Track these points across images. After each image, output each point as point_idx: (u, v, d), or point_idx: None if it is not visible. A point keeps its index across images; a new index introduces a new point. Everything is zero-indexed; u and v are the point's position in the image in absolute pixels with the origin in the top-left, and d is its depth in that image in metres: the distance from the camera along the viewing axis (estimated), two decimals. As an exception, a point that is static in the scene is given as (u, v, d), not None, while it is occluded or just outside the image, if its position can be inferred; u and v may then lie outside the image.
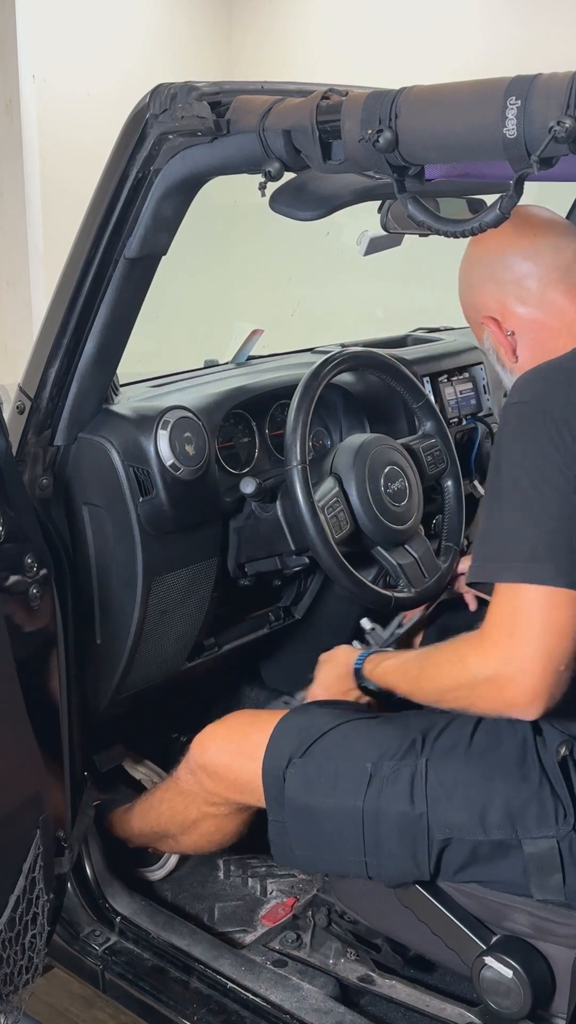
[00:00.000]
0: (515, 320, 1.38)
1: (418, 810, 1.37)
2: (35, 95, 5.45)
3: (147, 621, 1.71)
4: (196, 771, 1.61)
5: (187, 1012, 1.60)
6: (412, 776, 1.38)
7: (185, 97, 1.35)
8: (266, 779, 1.48)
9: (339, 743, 1.45)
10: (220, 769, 1.56)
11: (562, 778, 1.32)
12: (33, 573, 1.44)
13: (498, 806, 1.34)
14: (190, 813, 1.66)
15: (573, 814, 1.31)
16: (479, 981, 1.37)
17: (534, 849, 1.32)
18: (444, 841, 1.37)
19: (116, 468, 1.62)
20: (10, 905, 1.40)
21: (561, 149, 1.03)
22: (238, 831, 1.67)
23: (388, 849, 1.40)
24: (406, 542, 1.77)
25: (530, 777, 1.34)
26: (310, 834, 1.46)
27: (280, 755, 1.47)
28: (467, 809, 1.35)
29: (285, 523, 1.74)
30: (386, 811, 1.39)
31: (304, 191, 1.37)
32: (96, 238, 1.49)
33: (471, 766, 1.37)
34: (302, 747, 1.46)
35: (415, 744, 1.40)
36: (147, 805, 1.78)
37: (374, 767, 1.40)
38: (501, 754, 1.37)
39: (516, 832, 1.33)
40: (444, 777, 1.37)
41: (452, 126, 1.10)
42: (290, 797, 1.46)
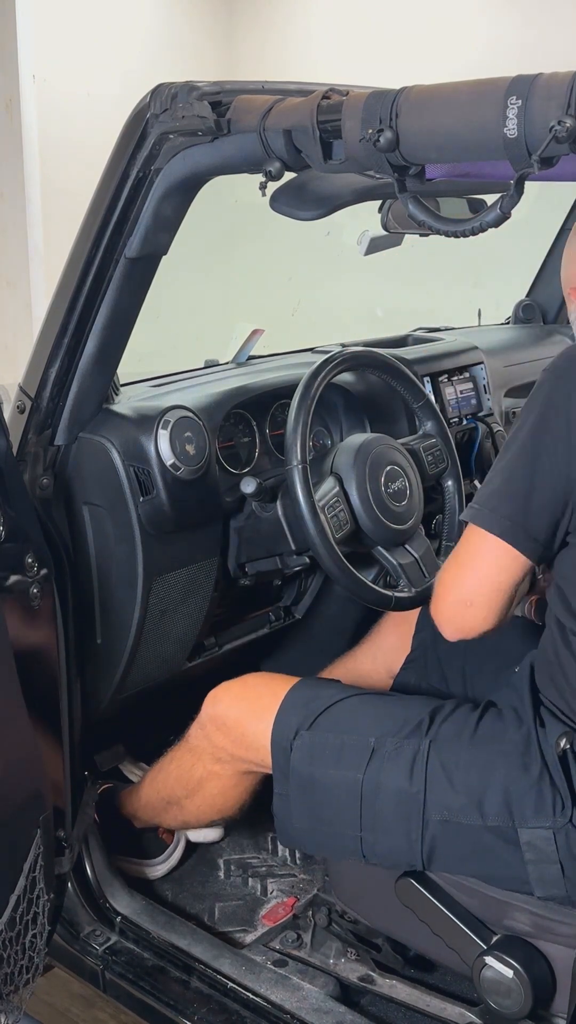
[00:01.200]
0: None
1: (416, 788, 1.38)
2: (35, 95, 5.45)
3: (147, 621, 1.71)
4: (206, 724, 1.63)
5: (187, 1012, 1.60)
6: (414, 755, 1.40)
7: (186, 97, 1.35)
8: (274, 751, 1.50)
9: (346, 716, 1.48)
10: (229, 722, 1.58)
11: (561, 771, 1.33)
12: (33, 573, 1.44)
13: (497, 793, 1.35)
14: (196, 772, 1.67)
15: (571, 807, 1.31)
16: (479, 981, 1.37)
17: (531, 838, 1.32)
18: (440, 823, 1.37)
19: (116, 468, 1.62)
20: (10, 905, 1.40)
21: (562, 149, 1.03)
22: (240, 799, 1.68)
23: (384, 825, 1.41)
24: (406, 542, 1.77)
25: (531, 768, 1.35)
26: (311, 806, 1.47)
27: (288, 726, 1.49)
28: (466, 793, 1.36)
29: (285, 523, 1.74)
30: (385, 786, 1.41)
31: (305, 191, 1.37)
32: (96, 238, 1.49)
33: (473, 752, 1.39)
34: (309, 719, 1.48)
35: (421, 725, 1.43)
36: (157, 768, 1.79)
37: (377, 742, 1.43)
38: (505, 743, 1.38)
39: (513, 820, 1.34)
40: (446, 760, 1.39)
41: (453, 126, 1.11)
42: (295, 768, 1.48)
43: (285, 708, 1.51)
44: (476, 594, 1.35)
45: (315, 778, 1.46)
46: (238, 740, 1.58)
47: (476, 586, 1.35)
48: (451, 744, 1.40)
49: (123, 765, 2.03)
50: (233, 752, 1.60)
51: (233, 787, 1.66)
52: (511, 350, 2.55)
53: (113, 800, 1.89)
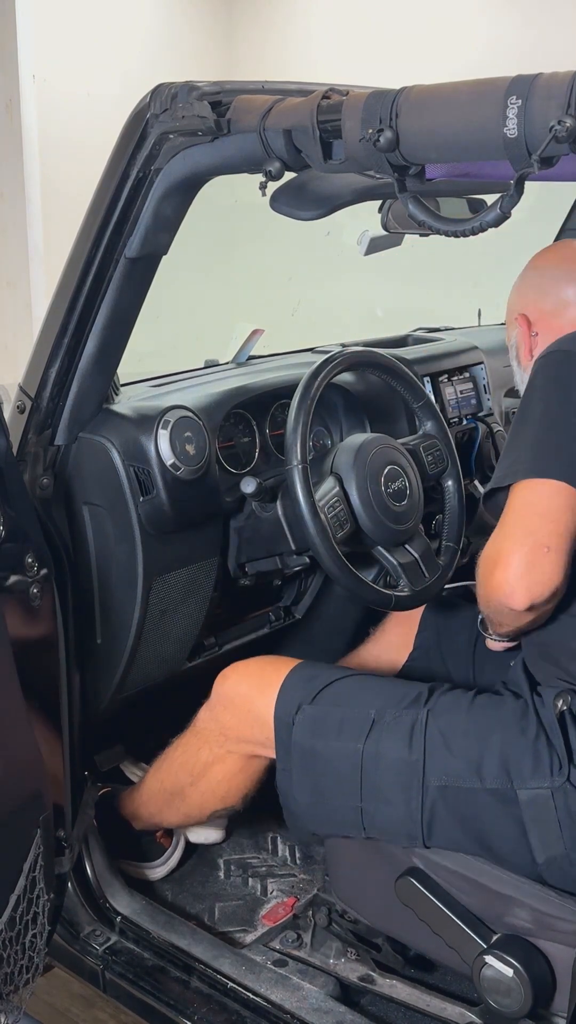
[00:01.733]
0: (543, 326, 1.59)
1: (415, 756, 1.41)
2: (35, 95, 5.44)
3: (147, 621, 1.71)
4: (215, 705, 1.65)
5: (187, 1012, 1.60)
6: (412, 724, 1.43)
7: (186, 97, 1.35)
8: (277, 726, 1.52)
9: (347, 691, 1.52)
10: (237, 699, 1.60)
11: (559, 731, 1.36)
12: (33, 573, 1.44)
13: (494, 755, 1.37)
14: (202, 756, 1.68)
15: (568, 765, 1.33)
16: (479, 980, 1.37)
17: (529, 798, 1.34)
18: (439, 789, 1.39)
19: (116, 468, 1.62)
20: (10, 904, 1.40)
21: (562, 149, 1.03)
22: (244, 787, 1.68)
23: (384, 795, 1.43)
24: (406, 541, 1.77)
25: (528, 731, 1.38)
26: (312, 779, 1.49)
27: (291, 702, 1.52)
28: (464, 757, 1.39)
29: (285, 523, 1.74)
30: (384, 755, 1.43)
31: (304, 191, 1.37)
32: (96, 238, 1.49)
33: (471, 719, 1.42)
34: (311, 694, 1.52)
35: (420, 696, 1.46)
36: (162, 758, 1.80)
37: (377, 713, 1.46)
38: (502, 711, 1.42)
39: (511, 781, 1.35)
40: (444, 727, 1.42)
41: (453, 126, 1.11)
42: (297, 742, 1.50)
43: (288, 684, 1.55)
44: (549, 538, 1.32)
45: (316, 750, 1.49)
46: (245, 716, 1.59)
47: (548, 532, 1.33)
48: (449, 713, 1.43)
49: (123, 765, 2.03)
50: (240, 732, 1.61)
51: (239, 772, 1.66)
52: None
53: (112, 803, 1.88)
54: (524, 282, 1.64)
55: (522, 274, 1.65)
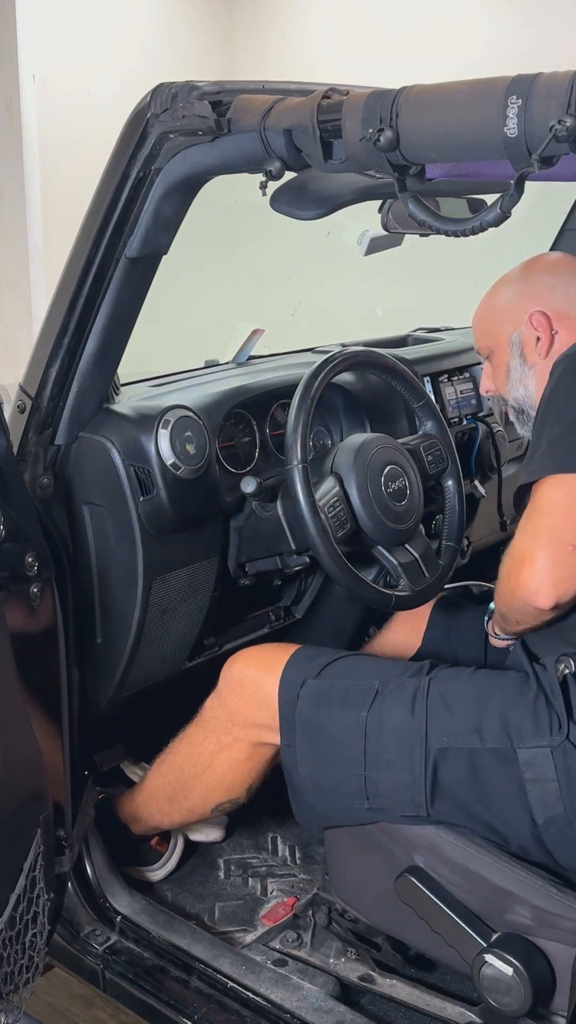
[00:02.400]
0: (564, 325, 1.58)
1: (417, 720, 1.44)
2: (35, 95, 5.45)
3: (148, 620, 1.71)
4: (222, 690, 1.66)
5: (187, 1012, 1.60)
6: (415, 691, 1.46)
7: (186, 96, 1.35)
8: (281, 703, 1.54)
9: (352, 665, 1.55)
10: (244, 680, 1.62)
11: (560, 692, 1.38)
12: (34, 572, 1.44)
13: (495, 716, 1.40)
14: (207, 745, 1.68)
15: (568, 724, 1.35)
16: (479, 979, 1.37)
17: (529, 757, 1.36)
18: (441, 751, 1.41)
19: (117, 467, 1.62)
20: (10, 904, 1.40)
21: (562, 148, 1.03)
22: (250, 777, 1.68)
23: (387, 759, 1.45)
24: (407, 541, 1.77)
25: (527, 692, 1.41)
26: (316, 750, 1.51)
27: (295, 679, 1.55)
28: (464, 720, 1.41)
29: (286, 522, 1.74)
30: (387, 721, 1.46)
31: (305, 190, 1.37)
32: (97, 238, 1.49)
33: (472, 684, 1.46)
34: (316, 670, 1.55)
35: (422, 668, 1.50)
36: (165, 752, 1.79)
37: (381, 683, 1.49)
38: (502, 677, 1.46)
39: (511, 741, 1.38)
40: (445, 692, 1.45)
41: (453, 125, 1.11)
42: (301, 714, 1.52)
43: (292, 662, 1.57)
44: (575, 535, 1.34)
45: (320, 721, 1.51)
46: (251, 698, 1.60)
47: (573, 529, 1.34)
48: (451, 680, 1.47)
49: (124, 765, 2.03)
50: (246, 715, 1.62)
51: (244, 760, 1.66)
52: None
53: (109, 807, 1.88)
54: (534, 284, 1.62)
55: (527, 277, 1.64)
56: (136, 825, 1.86)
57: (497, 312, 1.65)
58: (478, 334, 1.71)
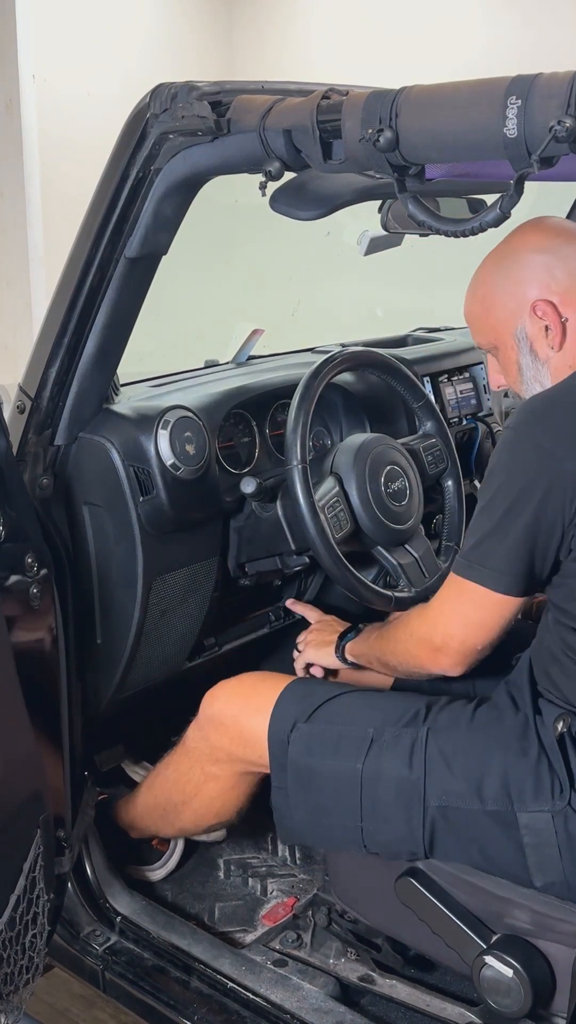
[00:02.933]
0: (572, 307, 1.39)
1: (415, 775, 1.39)
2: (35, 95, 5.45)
3: (147, 621, 1.71)
4: (204, 725, 1.63)
5: (187, 1012, 1.60)
6: (412, 743, 1.41)
7: (186, 97, 1.35)
8: (271, 744, 1.50)
9: (343, 709, 1.49)
10: (227, 720, 1.58)
11: (560, 754, 1.34)
12: (33, 573, 1.44)
13: (496, 777, 1.36)
14: (194, 775, 1.67)
15: (569, 789, 1.32)
16: (479, 980, 1.37)
17: (529, 822, 1.33)
18: (439, 809, 1.38)
19: (116, 468, 1.62)
20: (10, 905, 1.40)
21: (561, 148, 1.03)
22: (239, 803, 1.68)
23: (384, 813, 1.41)
24: (406, 542, 1.77)
25: (529, 752, 1.36)
26: (310, 798, 1.48)
27: (285, 719, 1.50)
28: (465, 778, 1.37)
29: (285, 523, 1.74)
30: (384, 774, 1.41)
31: (304, 191, 1.37)
32: (96, 238, 1.49)
33: (471, 738, 1.40)
34: (307, 712, 1.49)
35: (418, 714, 1.44)
36: (154, 774, 1.79)
37: (376, 732, 1.44)
38: (502, 728, 1.40)
39: (512, 804, 1.34)
40: (444, 746, 1.40)
41: (452, 126, 1.11)
42: (293, 760, 1.48)
43: (282, 702, 1.52)
44: (485, 643, 1.41)
45: (313, 769, 1.47)
46: (236, 737, 1.57)
47: (485, 638, 1.40)
48: (449, 731, 1.42)
49: (125, 764, 2.03)
50: (231, 751, 1.59)
51: (231, 789, 1.66)
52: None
53: (108, 811, 1.88)
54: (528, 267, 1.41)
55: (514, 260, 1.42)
56: (134, 832, 1.87)
57: (493, 305, 1.45)
58: (476, 331, 1.52)
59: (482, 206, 1.64)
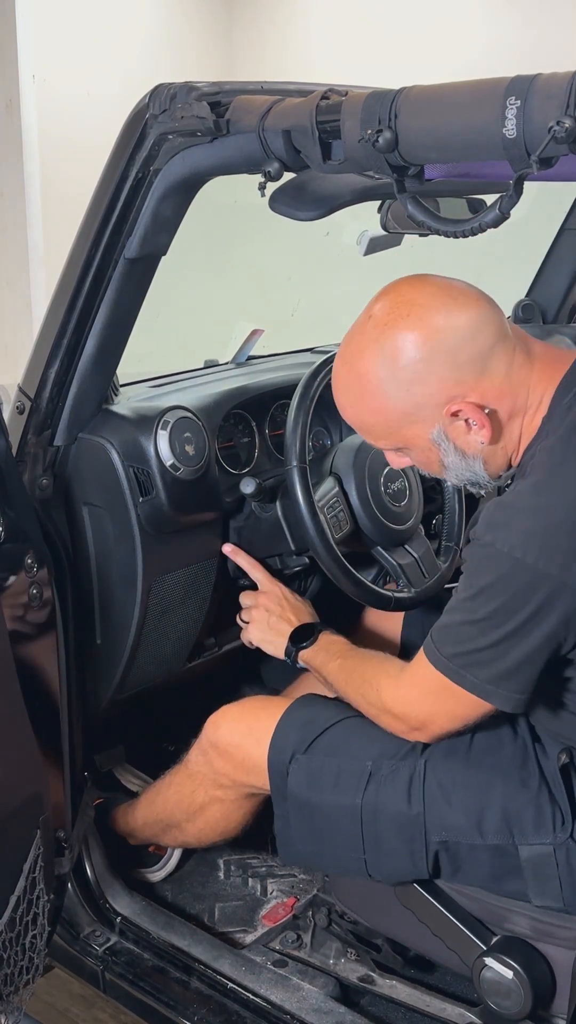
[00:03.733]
0: (492, 395, 1.24)
1: (415, 810, 1.38)
2: (35, 95, 5.45)
3: (147, 621, 1.71)
4: (207, 750, 1.62)
5: (187, 1012, 1.60)
6: (411, 776, 1.39)
7: (185, 97, 1.35)
8: (272, 775, 1.49)
9: (341, 740, 1.47)
10: (230, 748, 1.57)
11: (562, 785, 1.33)
12: (33, 573, 1.44)
13: (496, 810, 1.34)
14: (197, 797, 1.66)
15: (571, 821, 1.31)
16: (479, 981, 1.37)
17: (531, 855, 1.32)
18: (441, 843, 1.37)
19: (116, 468, 1.62)
20: (10, 905, 1.40)
21: (561, 149, 1.02)
22: (243, 821, 1.67)
23: (386, 847, 1.40)
24: (406, 542, 1.77)
25: (529, 783, 1.34)
26: (312, 830, 1.47)
27: (284, 749, 1.49)
28: (464, 813, 1.36)
29: (285, 523, 1.74)
30: (384, 809, 1.40)
31: (304, 191, 1.37)
32: (96, 238, 1.49)
33: (470, 769, 1.38)
34: (305, 742, 1.48)
35: (416, 746, 1.41)
36: (154, 791, 1.78)
37: (374, 765, 1.42)
38: (501, 758, 1.38)
39: (513, 838, 1.33)
40: (443, 779, 1.38)
41: (452, 126, 1.10)
42: (292, 792, 1.47)
43: (280, 730, 1.51)
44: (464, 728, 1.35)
45: (313, 802, 1.46)
46: (239, 765, 1.57)
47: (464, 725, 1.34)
48: (447, 762, 1.39)
49: (119, 773, 2.02)
50: (234, 777, 1.59)
51: (236, 810, 1.65)
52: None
53: (106, 817, 1.87)
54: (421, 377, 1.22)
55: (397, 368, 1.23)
56: (133, 840, 1.87)
57: (392, 416, 1.27)
58: (373, 438, 1.34)
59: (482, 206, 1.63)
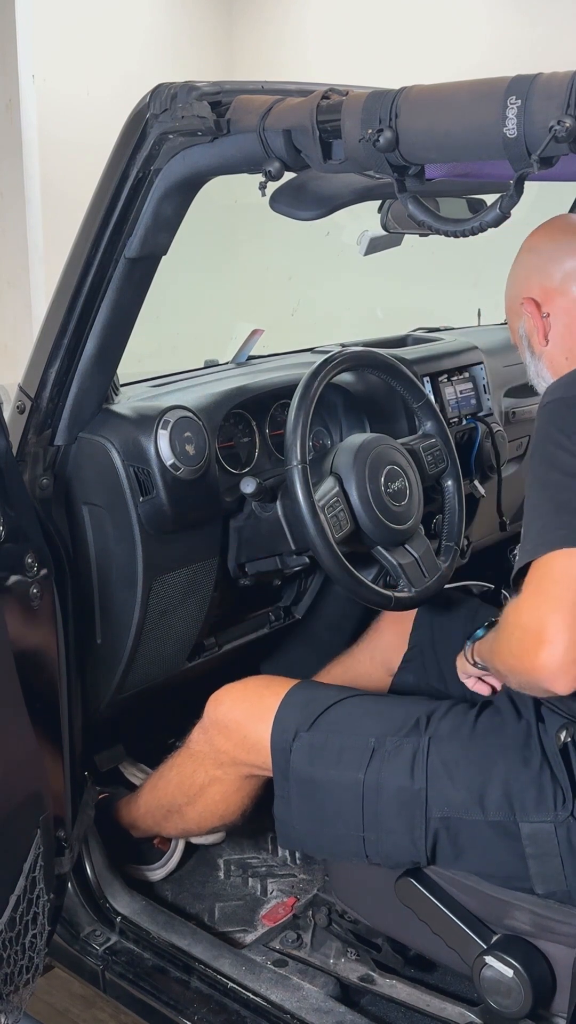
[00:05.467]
0: (553, 305, 1.48)
1: (417, 785, 1.39)
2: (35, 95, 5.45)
3: (147, 621, 1.71)
4: (208, 728, 1.63)
5: (187, 1012, 1.60)
6: (414, 753, 1.41)
7: (185, 97, 1.35)
8: (274, 753, 1.50)
9: (345, 717, 1.48)
10: (231, 724, 1.58)
11: (562, 763, 1.33)
12: (33, 573, 1.44)
13: (497, 787, 1.35)
14: (197, 777, 1.67)
15: (572, 800, 1.32)
16: (480, 980, 1.37)
17: (532, 832, 1.33)
18: (442, 820, 1.38)
19: (116, 468, 1.62)
20: (10, 905, 1.40)
21: (561, 148, 1.03)
22: (242, 804, 1.68)
23: (386, 824, 1.41)
24: (406, 542, 1.77)
25: (531, 761, 1.35)
26: (312, 808, 1.47)
27: (287, 728, 1.50)
28: (466, 788, 1.37)
29: (285, 523, 1.74)
30: (386, 785, 1.41)
31: (304, 191, 1.37)
32: (96, 238, 1.49)
33: (473, 747, 1.39)
34: (308, 720, 1.49)
35: (419, 723, 1.43)
36: (157, 776, 1.79)
37: (377, 742, 1.43)
38: (504, 737, 1.39)
39: (514, 814, 1.34)
40: (446, 756, 1.39)
41: (452, 126, 1.11)
42: (295, 769, 1.48)
43: (284, 709, 1.52)
44: None
45: (315, 779, 1.46)
46: (240, 743, 1.58)
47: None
48: (450, 740, 1.41)
49: (123, 766, 2.03)
50: (235, 755, 1.60)
51: (235, 792, 1.66)
52: (511, 350, 2.53)
53: (110, 810, 1.88)
54: (521, 267, 1.53)
55: (516, 261, 1.55)
56: (135, 831, 1.87)
57: (507, 304, 1.58)
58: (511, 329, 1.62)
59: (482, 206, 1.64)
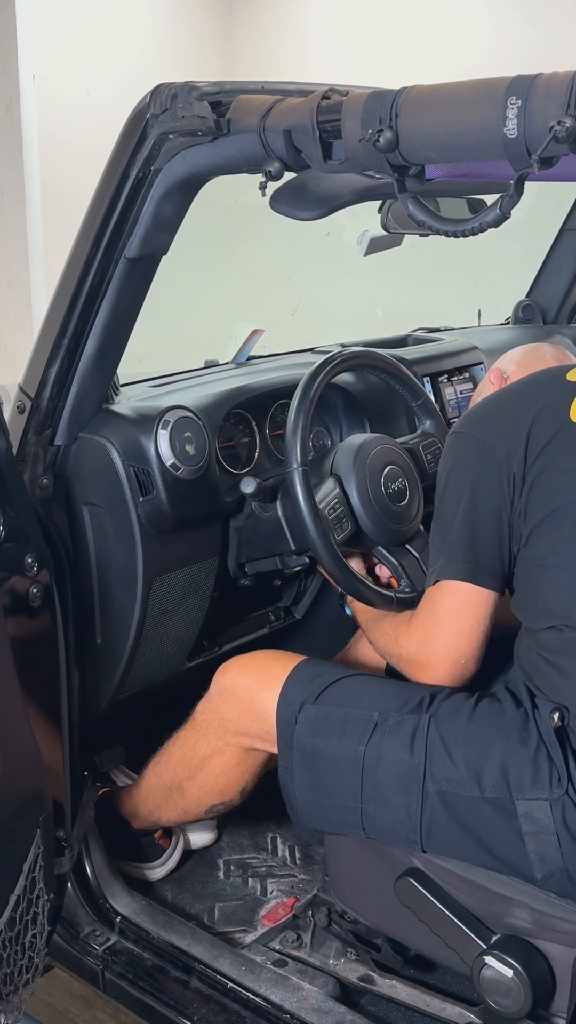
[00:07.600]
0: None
1: (416, 760, 1.42)
2: (35, 95, 5.45)
3: (147, 621, 1.71)
4: (214, 697, 1.65)
5: (187, 1012, 1.60)
6: (415, 728, 1.44)
7: (186, 97, 1.35)
8: (279, 723, 1.53)
9: (350, 691, 1.52)
10: (238, 691, 1.60)
11: (558, 745, 1.36)
12: (33, 573, 1.44)
13: (495, 765, 1.38)
14: (200, 748, 1.68)
15: (567, 779, 1.33)
16: (479, 980, 1.37)
17: (527, 810, 1.35)
18: (439, 794, 1.40)
19: (116, 468, 1.62)
20: (10, 905, 1.40)
21: (561, 149, 1.03)
22: (242, 780, 1.69)
23: (383, 796, 1.43)
24: (407, 541, 1.77)
25: (528, 742, 1.38)
26: (313, 778, 1.50)
27: (294, 699, 1.53)
28: (464, 765, 1.39)
29: (285, 523, 1.74)
30: (385, 758, 1.44)
31: (304, 191, 1.37)
32: (96, 238, 1.49)
33: (472, 727, 1.42)
34: (314, 693, 1.52)
35: (422, 701, 1.46)
36: (160, 753, 1.80)
37: (380, 716, 1.46)
38: (503, 720, 1.42)
39: (510, 792, 1.36)
40: (445, 733, 1.42)
41: (453, 126, 1.11)
42: (299, 740, 1.51)
43: (291, 681, 1.55)
44: (471, 649, 1.46)
45: (318, 750, 1.49)
46: (245, 710, 1.59)
47: (469, 645, 1.45)
48: (450, 720, 1.44)
49: (114, 773, 2.02)
50: (239, 724, 1.61)
51: (236, 765, 1.67)
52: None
53: (111, 802, 1.89)
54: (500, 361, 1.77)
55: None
56: (136, 821, 1.87)
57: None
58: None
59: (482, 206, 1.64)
